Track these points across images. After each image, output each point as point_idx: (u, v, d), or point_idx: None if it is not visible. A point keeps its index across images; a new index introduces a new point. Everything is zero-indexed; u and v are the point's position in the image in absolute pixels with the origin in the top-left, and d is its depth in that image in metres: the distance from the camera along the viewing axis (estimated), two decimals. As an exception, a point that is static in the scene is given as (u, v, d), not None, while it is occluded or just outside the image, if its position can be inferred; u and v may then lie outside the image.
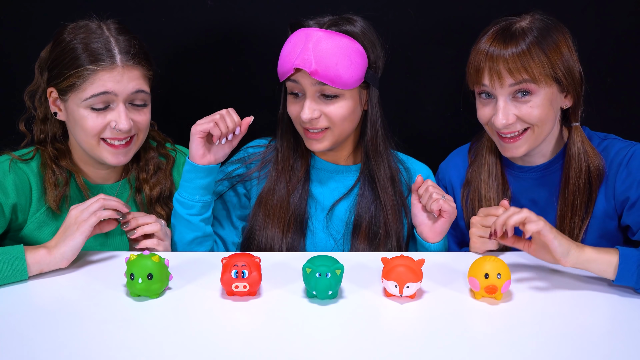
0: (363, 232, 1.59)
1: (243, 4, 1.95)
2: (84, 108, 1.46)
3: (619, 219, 1.56)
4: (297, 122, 1.57)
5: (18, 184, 1.50)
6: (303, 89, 1.52)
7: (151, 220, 1.47)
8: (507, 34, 1.48)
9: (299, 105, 1.54)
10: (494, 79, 1.47)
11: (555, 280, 1.40)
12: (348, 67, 1.49)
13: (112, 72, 1.45)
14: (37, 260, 1.36)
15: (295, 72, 1.50)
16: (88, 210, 1.41)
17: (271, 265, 1.43)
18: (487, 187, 1.62)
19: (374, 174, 1.60)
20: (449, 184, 1.72)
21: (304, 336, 1.20)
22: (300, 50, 1.48)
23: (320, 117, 1.52)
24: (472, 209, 1.64)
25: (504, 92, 1.48)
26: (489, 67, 1.48)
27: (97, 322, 1.22)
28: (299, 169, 1.62)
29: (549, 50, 1.46)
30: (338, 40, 1.49)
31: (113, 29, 1.49)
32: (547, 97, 1.48)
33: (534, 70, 1.45)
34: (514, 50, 1.45)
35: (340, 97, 1.52)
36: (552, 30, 1.49)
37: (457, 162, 1.72)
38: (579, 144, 1.55)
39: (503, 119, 1.49)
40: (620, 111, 2.00)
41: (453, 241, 1.71)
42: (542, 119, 1.49)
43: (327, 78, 1.48)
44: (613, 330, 1.23)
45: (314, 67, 1.47)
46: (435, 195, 1.49)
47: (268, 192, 1.60)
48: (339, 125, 1.54)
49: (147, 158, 1.63)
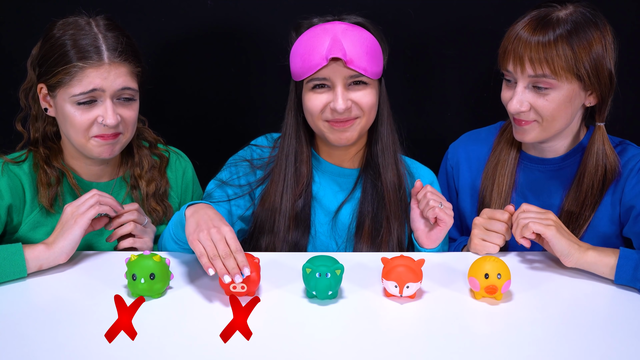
0: (365, 231, 1.58)
1: (243, 3, 1.95)
2: (72, 104, 1.46)
3: (621, 227, 1.56)
4: (320, 118, 1.54)
5: (11, 185, 1.50)
6: (332, 81, 1.50)
7: (126, 220, 1.48)
8: (542, 21, 1.46)
9: (325, 97, 1.51)
10: (516, 64, 1.46)
11: (555, 280, 1.40)
12: (374, 57, 1.50)
13: (99, 69, 1.45)
14: (36, 256, 1.36)
15: (327, 65, 1.48)
16: (85, 204, 1.41)
17: (271, 265, 1.43)
18: (503, 168, 1.61)
19: (379, 170, 1.59)
20: (455, 166, 1.72)
21: (304, 336, 1.19)
22: (331, 41, 1.47)
23: (351, 107, 1.52)
24: (483, 188, 1.64)
25: (524, 79, 1.47)
26: (514, 52, 1.47)
27: (96, 322, 1.22)
28: (303, 171, 1.61)
29: (577, 46, 1.44)
30: (361, 32, 1.50)
31: (102, 25, 1.49)
32: (567, 93, 1.47)
33: (555, 64, 1.43)
34: (540, 39, 1.44)
35: (368, 86, 1.52)
36: (589, 26, 1.46)
37: (470, 147, 1.70)
38: (599, 144, 1.54)
39: (517, 104, 1.48)
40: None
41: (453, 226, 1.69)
42: (555, 114, 1.48)
43: (360, 67, 1.48)
44: (613, 330, 1.22)
45: (349, 56, 1.47)
46: (432, 202, 1.48)
47: (271, 193, 1.59)
48: (368, 113, 1.54)
49: (141, 155, 1.63)
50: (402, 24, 1.93)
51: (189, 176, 1.72)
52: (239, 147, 1.70)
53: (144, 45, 1.64)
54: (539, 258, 1.49)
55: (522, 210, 1.44)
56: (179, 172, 1.70)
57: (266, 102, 2.02)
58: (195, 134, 2.06)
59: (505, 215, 1.48)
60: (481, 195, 1.65)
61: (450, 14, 1.95)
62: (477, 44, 1.94)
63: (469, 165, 1.69)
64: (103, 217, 1.48)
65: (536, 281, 1.39)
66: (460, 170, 1.70)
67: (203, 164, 1.77)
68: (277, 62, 1.63)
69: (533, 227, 1.39)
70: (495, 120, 1.72)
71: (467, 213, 1.70)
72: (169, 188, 1.66)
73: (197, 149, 1.84)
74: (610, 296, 1.34)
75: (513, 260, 1.48)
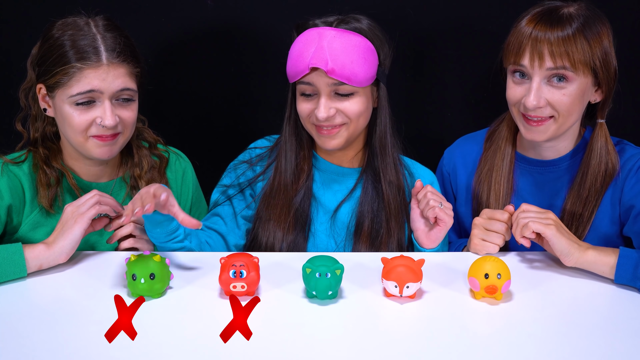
0: (365, 232, 1.58)
1: (243, 3, 1.95)
2: (70, 105, 1.46)
3: (621, 227, 1.56)
4: (308, 121, 1.55)
5: (11, 186, 1.50)
6: (317, 88, 1.50)
7: (125, 222, 1.48)
8: (553, 16, 1.46)
9: (312, 103, 1.52)
10: (534, 59, 1.46)
11: (555, 280, 1.40)
12: (362, 65, 1.49)
13: (98, 70, 1.45)
14: (36, 255, 1.36)
15: (310, 72, 1.49)
16: (85, 204, 1.41)
17: (271, 265, 1.43)
18: (498, 175, 1.61)
19: (379, 172, 1.59)
20: (452, 171, 1.71)
21: (303, 336, 1.19)
22: (315, 50, 1.47)
23: (335, 115, 1.52)
24: (479, 194, 1.64)
25: (541, 73, 1.47)
26: (531, 48, 1.46)
27: (96, 322, 1.22)
28: (303, 170, 1.61)
29: (591, 39, 1.45)
30: (351, 38, 1.49)
31: (101, 26, 1.49)
32: (581, 87, 1.47)
33: (575, 57, 1.44)
34: (559, 34, 1.44)
35: (354, 94, 1.51)
36: (597, 20, 1.48)
37: (466, 149, 1.71)
38: (602, 141, 1.54)
39: (534, 100, 1.47)
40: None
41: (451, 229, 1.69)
42: (570, 109, 1.48)
43: (343, 76, 1.47)
44: (613, 330, 1.22)
45: (331, 65, 1.46)
46: (432, 202, 1.48)
47: (271, 192, 1.60)
48: (355, 121, 1.53)
49: (141, 155, 1.63)
50: (402, 24, 1.93)
51: (189, 176, 1.72)
52: (238, 147, 1.70)
53: (144, 45, 1.64)
54: (539, 258, 1.49)
55: (522, 210, 1.44)
56: (178, 172, 1.70)
57: (266, 102, 2.02)
58: (195, 134, 2.06)
59: (505, 215, 1.48)
60: (479, 200, 1.65)
61: (450, 14, 1.95)
62: (477, 44, 1.94)
63: (466, 169, 1.69)
64: (103, 218, 1.48)
65: (536, 281, 1.39)
66: (458, 174, 1.70)
67: (203, 164, 1.77)
68: (277, 62, 1.63)
69: (533, 227, 1.39)
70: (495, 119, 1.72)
71: (466, 217, 1.70)
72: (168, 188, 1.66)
73: (197, 149, 1.84)
74: (610, 296, 1.34)
75: (513, 260, 1.48)
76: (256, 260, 1.30)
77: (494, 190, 1.61)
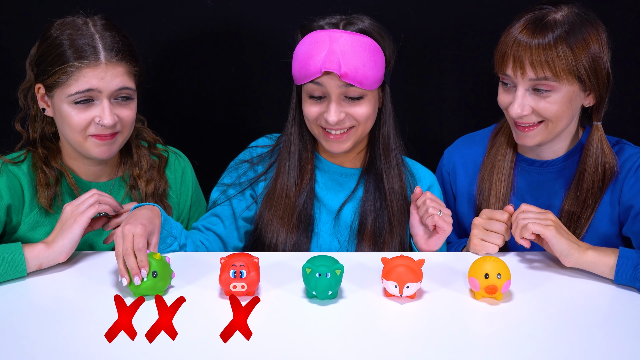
0: (368, 231, 1.58)
1: (243, 4, 1.95)
2: (68, 104, 1.46)
3: (620, 227, 1.56)
4: (315, 124, 1.54)
5: (10, 186, 1.50)
6: (327, 91, 1.49)
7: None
8: (539, 23, 1.46)
9: (320, 106, 1.51)
10: (516, 68, 1.46)
11: (555, 280, 1.40)
12: (372, 68, 1.48)
13: (96, 69, 1.45)
14: (36, 255, 1.36)
15: (322, 76, 1.48)
16: (84, 203, 1.42)
17: (271, 265, 1.43)
18: (499, 173, 1.61)
19: (382, 172, 1.59)
20: (452, 171, 1.71)
21: (304, 336, 1.19)
22: (327, 53, 1.46)
23: (345, 118, 1.51)
24: (480, 192, 1.64)
25: (524, 83, 1.47)
26: (513, 56, 1.46)
27: (96, 322, 1.22)
28: (306, 172, 1.61)
29: (575, 46, 1.44)
30: (361, 40, 1.48)
31: (99, 25, 1.49)
32: (567, 95, 1.47)
33: (556, 66, 1.43)
34: (540, 42, 1.43)
35: (364, 97, 1.51)
36: (585, 25, 1.46)
37: (466, 149, 1.70)
38: (598, 143, 1.54)
39: (518, 108, 1.48)
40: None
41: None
42: (558, 115, 1.48)
43: (355, 80, 1.46)
44: (613, 330, 1.22)
45: (344, 69, 1.45)
46: (431, 210, 1.48)
47: (274, 193, 1.59)
48: (363, 123, 1.53)
49: (140, 155, 1.63)
50: (401, 24, 1.93)
51: (188, 176, 1.72)
52: (238, 146, 1.70)
53: (144, 45, 1.64)
54: (539, 258, 1.49)
55: (522, 210, 1.44)
56: (178, 172, 1.70)
57: (266, 102, 2.02)
58: (195, 134, 2.05)
59: (504, 215, 1.48)
60: (479, 199, 1.65)
61: (449, 14, 1.95)
62: (476, 44, 1.94)
63: (466, 170, 1.69)
64: (102, 217, 1.48)
65: (536, 281, 1.39)
66: (457, 175, 1.70)
67: (202, 164, 1.77)
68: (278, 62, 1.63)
69: (532, 228, 1.39)
70: (494, 120, 1.72)
71: (465, 217, 1.70)
72: (168, 188, 1.66)
73: (196, 149, 1.84)
74: (610, 296, 1.34)
75: (513, 260, 1.48)
76: (256, 260, 1.30)
77: (495, 189, 1.61)
